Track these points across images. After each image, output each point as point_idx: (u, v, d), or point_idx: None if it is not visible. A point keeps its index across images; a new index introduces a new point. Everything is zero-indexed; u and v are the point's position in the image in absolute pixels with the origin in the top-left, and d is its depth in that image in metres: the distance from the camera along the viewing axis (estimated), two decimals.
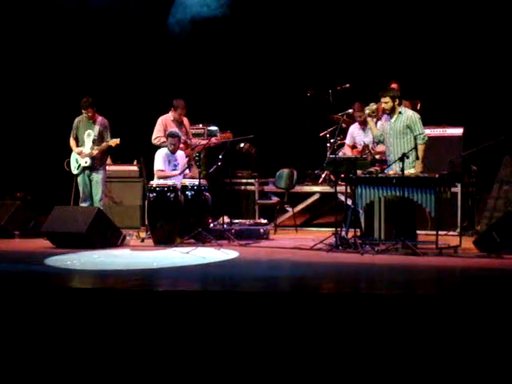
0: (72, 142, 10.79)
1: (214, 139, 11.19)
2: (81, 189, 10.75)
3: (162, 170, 10.47)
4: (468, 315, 5.73)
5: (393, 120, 9.44)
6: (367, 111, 9.70)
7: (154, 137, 10.90)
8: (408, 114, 9.38)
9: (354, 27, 12.69)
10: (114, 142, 10.59)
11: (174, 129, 10.70)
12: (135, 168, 12.35)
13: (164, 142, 10.71)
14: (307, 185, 12.38)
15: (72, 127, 10.84)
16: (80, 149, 10.68)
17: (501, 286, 6.96)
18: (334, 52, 12.81)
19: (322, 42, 12.89)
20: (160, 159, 10.51)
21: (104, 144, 10.62)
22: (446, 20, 12.19)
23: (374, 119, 9.83)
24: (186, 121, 11.11)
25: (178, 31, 12.50)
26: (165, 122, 10.91)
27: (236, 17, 12.80)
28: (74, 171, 10.74)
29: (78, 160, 10.71)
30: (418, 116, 9.44)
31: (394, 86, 10.30)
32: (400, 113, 9.39)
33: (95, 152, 10.61)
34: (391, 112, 9.44)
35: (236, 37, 13.06)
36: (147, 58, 13.04)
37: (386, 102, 9.41)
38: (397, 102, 9.40)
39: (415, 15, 12.31)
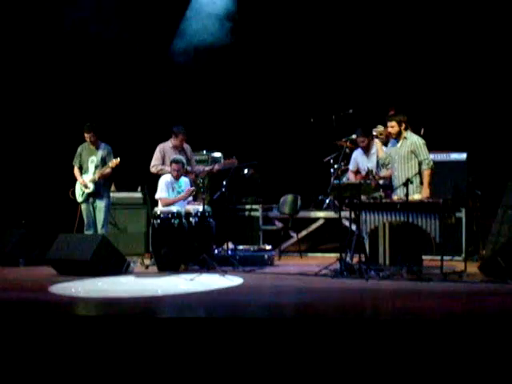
0: (76, 172, 10.85)
1: (217, 165, 11.19)
2: (85, 216, 10.79)
3: (164, 198, 10.46)
4: (473, 341, 5.71)
5: (398, 145, 9.48)
6: (375, 133, 9.72)
7: (151, 165, 10.94)
8: (413, 140, 9.40)
9: (357, 53, 12.72)
10: (114, 162, 10.65)
11: (177, 155, 10.71)
12: (139, 195, 12.39)
13: (161, 169, 10.76)
14: (311, 210, 12.37)
15: (75, 155, 10.89)
16: (84, 180, 10.71)
17: (506, 311, 6.92)
18: (337, 78, 12.84)
19: (326, 68, 12.92)
20: (163, 186, 10.51)
21: (105, 167, 10.67)
22: (450, 46, 12.22)
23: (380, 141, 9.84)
24: (187, 148, 11.12)
25: (181, 59, 12.56)
26: (163, 150, 10.95)
27: (239, 43, 12.86)
28: (79, 199, 10.78)
29: (83, 187, 10.75)
30: (423, 141, 9.45)
31: (392, 112, 10.33)
32: (405, 138, 9.42)
33: (97, 176, 10.64)
34: (397, 137, 9.48)
35: (239, 63, 13.10)
36: (150, 86, 13.08)
37: (392, 127, 9.45)
38: (403, 127, 9.43)
39: (418, 41, 12.35)
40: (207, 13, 12.96)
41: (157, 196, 10.55)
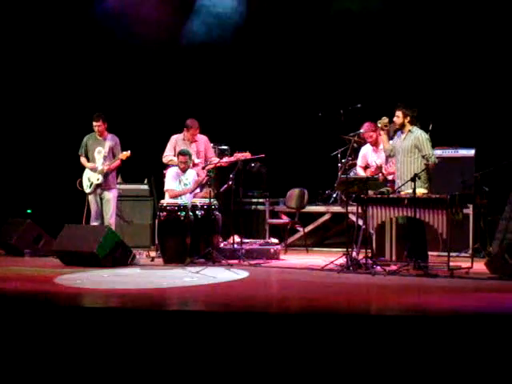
0: (83, 160, 10.82)
1: (225, 159, 11.14)
2: (92, 207, 10.76)
3: (172, 189, 10.46)
4: (480, 337, 5.68)
5: (402, 137, 9.45)
6: (379, 124, 9.66)
7: (163, 155, 10.92)
8: (416, 134, 9.36)
9: (366, 47, 12.67)
10: (125, 154, 10.63)
11: (184, 147, 10.69)
12: (145, 187, 12.36)
13: (171, 160, 10.74)
14: (318, 205, 12.34)
15: (81, 145, 10.86)
16: (93, 164, 10.70)
17: None
18: (346, 72, 12.79)
19: (335, 62, 12.87)
20: (170, 178, 10.51)
21: (114, 160, 10.66)
22: (459, 42, 12.16)
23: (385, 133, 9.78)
24: (204, 140, 11.04)
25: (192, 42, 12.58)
26: (175, 141, 10.92)
27: (248, 38, 12.81)
28: (87, 190, 10.76)
29: (90, 178, 10.73)
30: (427, 136, 9.41)
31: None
32: (410, 131, 9.39)
33: (106, 168, 10.63)
34: (400, 128, 9.46)
35: (248, 57, 13.06)
36: (158, 77, 13.05)
37: (398, 117, 9.43)
38: (408, 120, 9.39)
39: (427, 35, 12.29)
40: (215, 10, 12.96)
41: (165, 188, 10.55)
